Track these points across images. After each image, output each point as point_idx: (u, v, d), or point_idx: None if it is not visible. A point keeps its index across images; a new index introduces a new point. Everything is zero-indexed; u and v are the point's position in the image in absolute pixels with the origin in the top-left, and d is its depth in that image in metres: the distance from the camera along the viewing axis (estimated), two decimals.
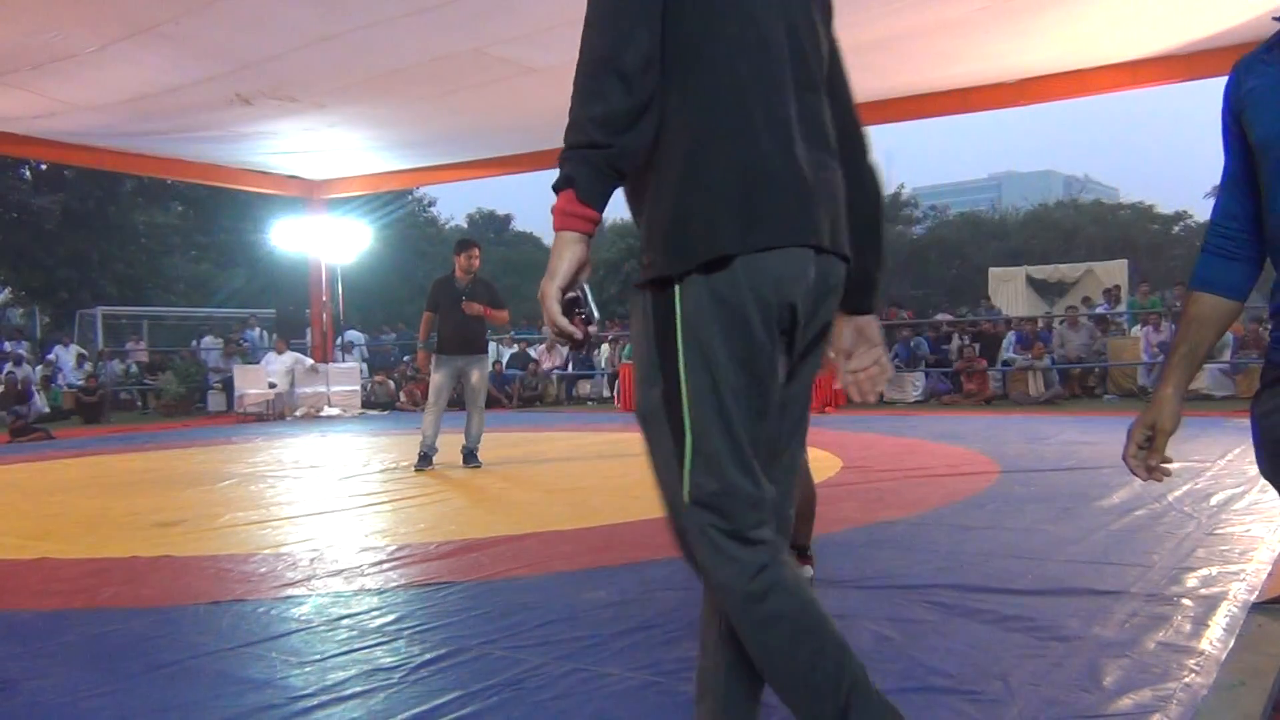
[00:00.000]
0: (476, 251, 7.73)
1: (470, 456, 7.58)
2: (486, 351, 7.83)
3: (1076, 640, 2.78)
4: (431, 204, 41.85)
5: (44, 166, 25.92)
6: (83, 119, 10.88)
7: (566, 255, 1.49)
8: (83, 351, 18.97)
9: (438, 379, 7.56)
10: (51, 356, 18.33)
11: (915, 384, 13.83)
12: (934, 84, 10.60)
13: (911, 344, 14.21)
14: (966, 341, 14.16)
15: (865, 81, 11.62)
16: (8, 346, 17.44)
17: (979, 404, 12.81)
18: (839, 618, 3.05)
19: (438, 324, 7.62)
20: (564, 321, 1.49)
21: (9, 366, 15.46)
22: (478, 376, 7.59)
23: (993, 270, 22.97)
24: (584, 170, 1.48)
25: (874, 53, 9.35)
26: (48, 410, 14.97)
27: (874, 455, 7.39)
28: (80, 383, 16.30)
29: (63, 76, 9.38)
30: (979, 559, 3.87)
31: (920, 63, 9.77)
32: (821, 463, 7.04)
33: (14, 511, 6.09)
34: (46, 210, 25.87)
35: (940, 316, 17.31)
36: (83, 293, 26.58)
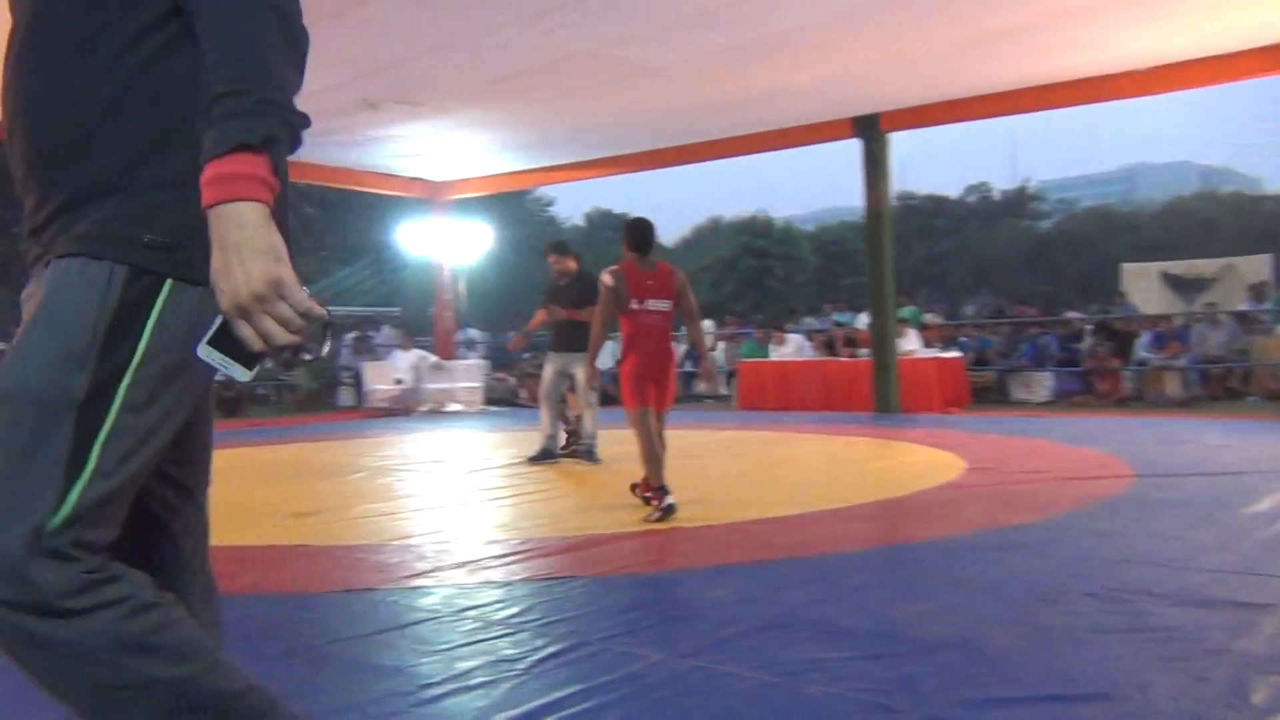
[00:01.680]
0: (552, 258, 8.01)
1: (588, 453, 7.67)
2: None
3: (1221, 654, 2.66)
4: (550, 203, 42.54)
5: None
6: None
7: (277, 234, 1.16)
8: None
9: (547, 374, 7.76)
10: None
11: (1043, 384, 13.41)
12: (1062, 73, 10.25)
13: (1039, 342, 13.78)
14: (1100, 339, 13.65)
15: (991, 72, 11.35)
16: None
17: (1111, 405, 12.34)
18: (971, 622, 2.99)
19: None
20: (317, 307, 1.17)
21: None
22: (583, 375, 7.69)
23: (1125, 266, 22.08)
24: (285, 136, 1.18)
25: (1000, 43, 9.11)
26: None
27: (1000, 457, 7.19)
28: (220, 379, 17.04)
29: None
30: (1115, 566, 3.73)
31: (1048, 52, 9.46)
32: (943, 464, 6.90)
33: None
34: None
35: (1070, 314, 16.72)
36: None
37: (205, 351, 1.16)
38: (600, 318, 5.45)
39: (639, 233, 5.50)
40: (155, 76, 1.26)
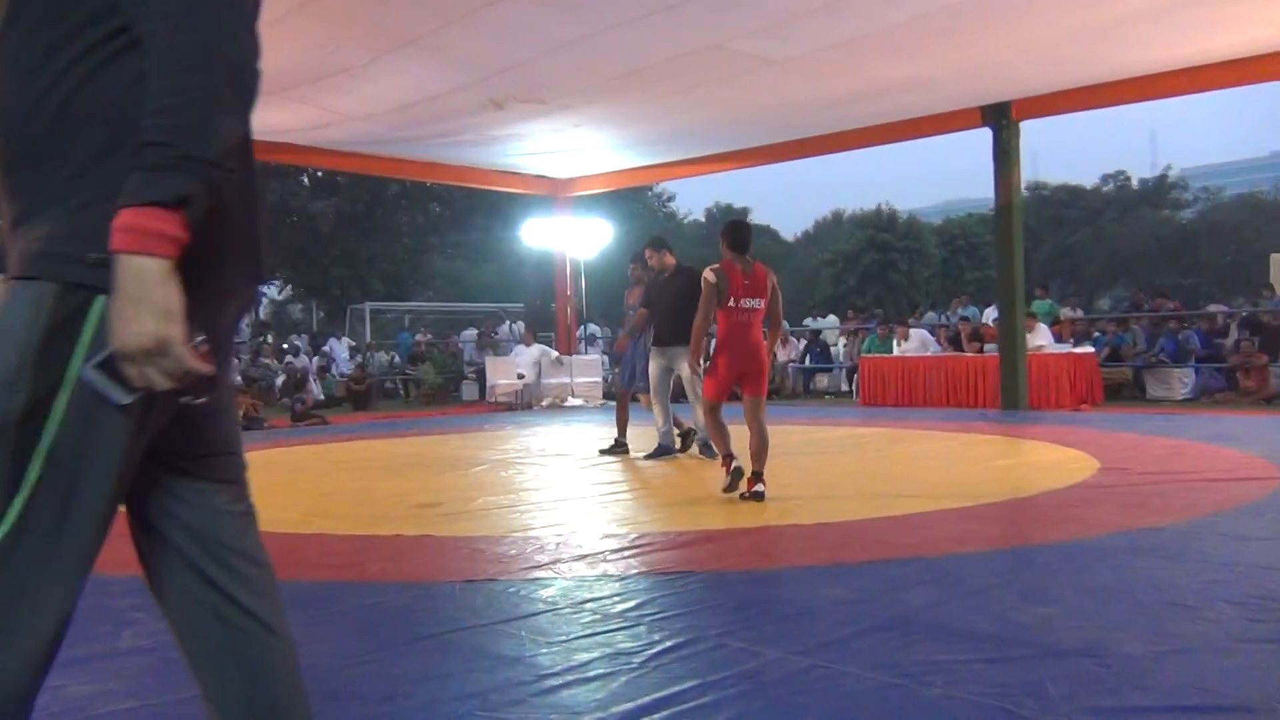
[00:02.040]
0: (649, 252, 8.09)
1: (706, 447, 7.65)
2: None
3: None
4: (670, 199, 42.66)
5: (320, 173, 28.23)
6: (354, 128, 11.78)
7: (174, 291, 1.17)
8: (353, 344, 20.58)
9: (654, 370, 7.78)
10: (327, 348, 19.97)
11: (1184, 380, 12.81)
12: (1208, 55, 9.76)
13: (1180, 337, 13.17)
14: (1245, 335, 12.97)
15: (1131, 56, 10.89)
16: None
17: (1258, 403, 11.71)
18: (1101, 628, 2.88)
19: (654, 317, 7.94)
20: (202, 365, 1.21)
21: (289, 357, 17.03)
22: (687, 369, 7.65)
23: (1274, 257, 20.90)
24: (200, 193, 1.19)
25: (1141, 24, 8.74)
26: (323, 398, 16.28)
27: (1135, 457, 6.90)
28: (350, 373, 17.66)
29: (337, 89, 10.18)
30: (1258, 572, 3.54)
31: (1191, 33, 9.03)
32: (1074, 464, 6.66)
33: (294, 490, 6.67)
34: (322, 214, 28.22)
35: (1213, 307, 15.93)
36: (353, 289, 28.82)
37: (90, 374, 1.19)
38: (702, 312, 5.72)
39: (738, 233, 5.82)
40: (101, 85, 1.26)
